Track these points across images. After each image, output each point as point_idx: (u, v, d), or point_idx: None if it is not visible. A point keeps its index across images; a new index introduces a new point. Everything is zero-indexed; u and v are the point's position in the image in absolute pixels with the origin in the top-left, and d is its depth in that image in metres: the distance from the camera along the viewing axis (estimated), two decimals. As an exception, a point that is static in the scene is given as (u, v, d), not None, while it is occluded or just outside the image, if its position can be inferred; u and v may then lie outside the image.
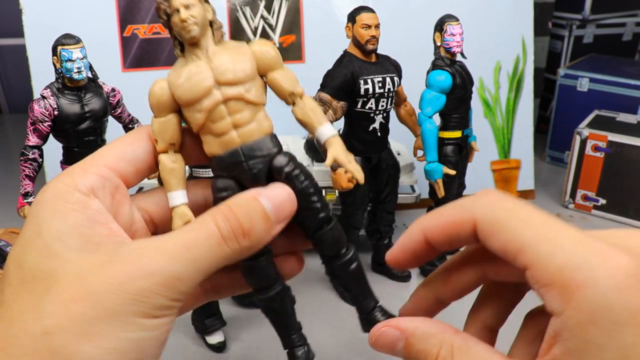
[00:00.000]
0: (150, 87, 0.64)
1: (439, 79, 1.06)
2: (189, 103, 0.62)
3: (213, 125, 0.63)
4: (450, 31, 1.06)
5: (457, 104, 1.10)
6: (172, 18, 0.61)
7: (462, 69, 1.10)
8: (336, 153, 0.58)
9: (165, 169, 0.63)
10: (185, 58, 0.66)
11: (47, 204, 0.45)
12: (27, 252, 0.43)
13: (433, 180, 1.09)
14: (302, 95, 0.68)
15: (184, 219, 0.57)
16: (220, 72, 0.62)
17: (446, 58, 1.08)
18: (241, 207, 0.46)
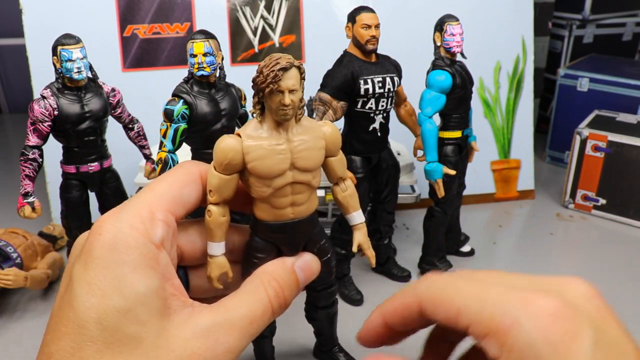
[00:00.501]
0: (223, 143, 0.67)
1: (439, 79, 1.05)
2: (261, 177, 0.68)
3: (274, 200, 0.71)
4: (450, 31, 1.06)
5: (457, 104, 1.09)
6: (272, 94, 0.66)
7: (462, 69, 1.09)
8: (362, 240, 0.78)
9: (216, 221, 0.68)
10: (262, 124, 0.69)
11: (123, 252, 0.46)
12: (110, 312, 0.44)
13: (433, 180, 1.08)
14: (346, 179, 0.76)
15: (222, 269, 0.66)
16: (299, 157, 0.69)
17: (446, 58, 1.07)
18: (284, 281, 0.55)
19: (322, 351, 0.98)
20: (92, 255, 0.46)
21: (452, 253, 1.28)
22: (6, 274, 1.02)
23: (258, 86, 0.67)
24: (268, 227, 0.72)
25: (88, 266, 0.46)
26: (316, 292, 0.88)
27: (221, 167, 0.67)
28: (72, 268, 0.48)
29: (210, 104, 0.92)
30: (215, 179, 0.68)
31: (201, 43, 0.89)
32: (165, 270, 0.49)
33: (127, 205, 0.52)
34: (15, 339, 1.01)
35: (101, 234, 0.47)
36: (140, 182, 1.25)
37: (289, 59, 0.66)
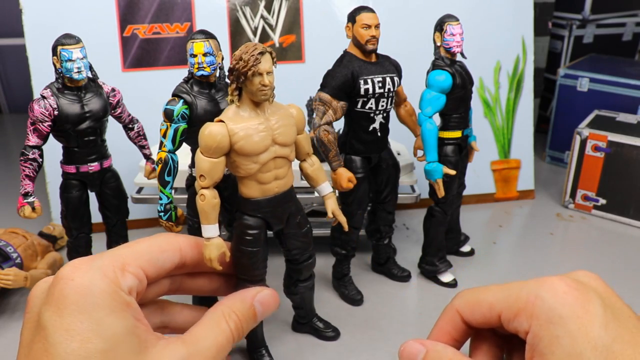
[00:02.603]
0: (209, 129, 0.75)
1: (439, 79, 1.05)
2: (248, 154, 0.77)
3: (260, 175, 0.79)
4: (450, 31, 1.05)
5: (457, 104, 1.09)
6: (251, 78, 0.74)
7: (462, 69, 1.09)
8: (334, 207, 0.91)
9: (209, 203, 0.77)
10: (241, 108, 0.78)
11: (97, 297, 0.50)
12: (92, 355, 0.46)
13: (433, 180, 1.08)
14: (312, 155, 0.87)
15: (221, 250, 0.74)
16: (278, 133, 0.79)
17: (446, 58, 1.07)
18: (243, 314, 0.61)
19: (301, 324, 1.02)
20: (65, 300, 0.48)
21: (452, 253, 1.28)
22: (6, 274, 1.02)
23: (239, 71, 0.75)
24: (256, 203, 0.81)
25: (63, 312, 0.48)
26: (298, 265, 0.92)
27: (210, 151, 0.76)
28: (42, 315, 0.50)
29: (210, 104, 0.92)
30: (205, 164, 0.76)
31: (201, 43, 0.89)
32: (136, 312, 0.53)
33: (101, 256, 0.56)
34: (15, 339, 1.01)
35: (73, 279, 0.50)
36: (140, 182, 1.25)
37: (262, 45, 0.76)
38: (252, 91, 0.76)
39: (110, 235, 1.09)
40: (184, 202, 1.01)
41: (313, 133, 1.02)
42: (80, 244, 1.04)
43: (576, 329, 0.51)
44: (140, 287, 0.57)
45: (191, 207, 0.98)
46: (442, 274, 1.18)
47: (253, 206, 0.82)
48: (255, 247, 0.82)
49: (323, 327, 1.00)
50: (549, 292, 0.53)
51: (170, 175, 0.92)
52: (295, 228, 0.87)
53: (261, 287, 0.67)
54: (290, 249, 0.89)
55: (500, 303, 0.59)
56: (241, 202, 0.83)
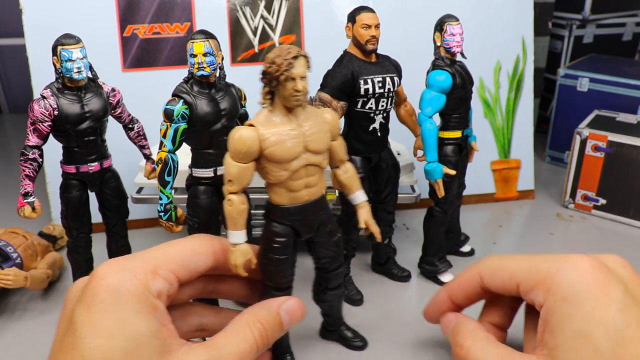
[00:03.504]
0: (239, 133, 0.73)
1: (439, 79, 1.05)
2: (278, 161, 0.74)
3: (291, 183, 0.76)
4: (450, 31, 1.05)
5: (457, 104, 1.09)
6: (284, 83, 0.72)
7: (462, 69, 1.09)
8: (367, 217, 0.87)
9: (237, 209, 0.74)
10: (273, 112, 0.76)
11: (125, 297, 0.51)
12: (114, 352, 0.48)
13: (433, 180, 1.08)
14: (346, 161, 0.84)
15: (247, 256, 0.73)
16: (310, 140, 0.76)
17: (446, 58, 1.07)
18: (268, 323, 0.61)
19: (329, 331, 1.00)
20: (95, 298, 0.50)
21: (452, 253, 1.28)
22: (6, 274, 1.02)
23: (272, 75, 0.73)
24: (286, 210, 0.79)
25: (92, 309, 0.50)
26: (327, 274, 0.89)
27: (239, 156, 0.73)
28: (74, 311, 0.51)
29: (210, 104, 0.92)
30: (234, 168, 0.74)
31: (201, 43, 0.89)
32: (162, 316, 0.54)
33: (134, 257, 0.57)
34: (15, 339, 1.01)
35: (104, 278, 0.52)
36: (140, 182, 1.25)
37: (297, 49, 0.73)
38: (284, 96, 0.74)
39: (110, 235, 1.09)
40: (184, 202, 1.01)
41: None
42: (80, 244, 1.04)
43: (590, 310, 0.51)
44: (171, 290, 0.57)
45: (191, 207, 0.98)
46: (442, 274, 1.18)
47: (282, 213, 0.79)
48: (283, 255, 0.80)
49: (351, 337, 0.98)
50: (571, 269, 0.53)
51: (170, 175, 0.92)
52: (326, 237, 0.85)
53: (287, 296, 0.68)
54: (320, 257, 0.87)
55: (521, 273, 0.62)
56: (270, 209, 0.80)
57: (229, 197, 0.75)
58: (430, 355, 0.95)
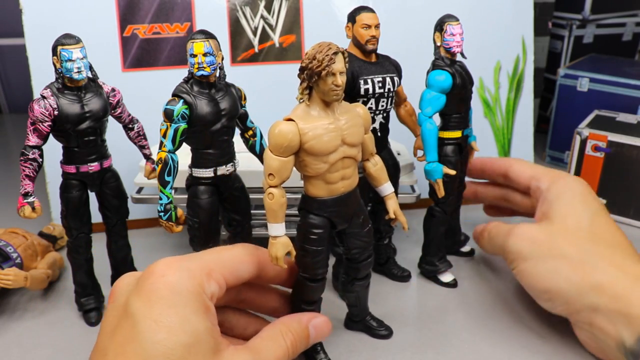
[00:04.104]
0: (279, 128, 0.76)
1: (439, 78, 1.05)
2: (317, 154, 0.77)
3: (328, 175, 0.80)
4: (450, 31, 1.05)
5: (457, 104, 1.09)
6: (325, 78, 0.75)
7: (462, 69, 1.09)
8: (395, 207, 0.93)
9: (278, 202, 0.78)
10: (311, 107, 0.79)
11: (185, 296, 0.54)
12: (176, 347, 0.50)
13: (433, 180, 1.08)
14: (375, 154, 0.89)
15: (287, 248, 0.77)
16: (347, 134, 0.79)
17: (446, 58, 1.07)
18: (297, 334, 0.68)
19: (354, 322, 1.01)
20: (156, 294, 0.53)
21: (452, 253, 1.28)
22: (6, 274, 1.02)
23: (312, 71, 0.75)
24: (323, 202, 0.81)
25: (153, 304, 0.52)
26: (357, 264, 0.91)
27: (280, 150, 0.76)
28: (130, 304, 0.53)
29: (210, 104, 0.92)
30: (275, 162, 0.77)
31: (201, 43, 0.89)
32: (212, 317, 0.57)
33: (190, 258, 0.61)
34: (15, 339, 1.01)
35: (164, 275, 0.55)
36: (140, 182, 1.25)
37: (336, 45, 0.76)
38: (324, 91, 0.76)
39: (110, 235, 1.09)
40: (184, 202, 1.01)
41: None
42: (80, 244, 1.04)
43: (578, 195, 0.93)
44: (220, 293, 0.61)
45: (191, 207, 0.98)
46: (442, 274, 1.18)
47: (319, 205, 0.82)
48: (320, 246, 0.82)
49: (377, 326, 1.00)
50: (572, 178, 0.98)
51: (170, 175, 0.92)
52: (358, 227, 0.88)
53: (317, 313, 0.73)
54: (351, 248, 0.89)
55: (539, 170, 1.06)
56: (307, 201, 0.83)
57: (269, 191, 0.78)
58: (430, 355, 0.95)
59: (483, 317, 1.05)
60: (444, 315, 1.07)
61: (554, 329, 1.00)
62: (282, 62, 1.45)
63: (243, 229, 1.06)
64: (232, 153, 0.99)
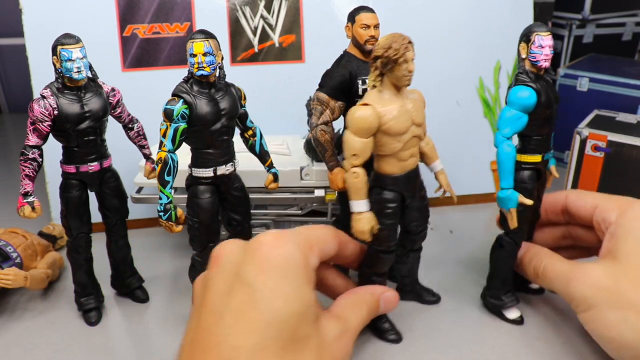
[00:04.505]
0: (360, 113, 0.85)
1: (522, 95, 0.92)
2: (394, 134, 0.86)
3: (401, 153, 0.89)
4: (540, 43, 0.92)
5: (540, 126, 0.96)
6: (402, 64, 0.84)
7: (548, 86, 0.96)
8: (446, 182, 1.06)
9: (363, 180, 0.87)
10: (382, 92, 0.88)
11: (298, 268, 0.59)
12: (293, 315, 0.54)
13: (506, 209, 0.96)
14: (426, 134, 0.96)
15: (372, 222, 0.87)
16: (415, 115, 0.90)
17: (531, 73, 0.94)
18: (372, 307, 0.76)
19: (406, 292, 1.09)
20: (270, 264, 0.57)
21: (519, 289, 1.11)
22: (6, 274, 1.02)
23: (389, 59, 0.83)
24: (396, 179, 0.91)
25: (269, 274, 0.57)
26: (414, 236, 1.01)
27: (362, 132, 0.85)
28: (244, 273, 0.56)
29: (210, 104, 0.92)
30: (358, 144, 0.86)
31: (201, 43, 0.89)
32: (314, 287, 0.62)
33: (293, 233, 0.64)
34: (15, 339, 1.01)
35: (278, 248, 0.58)
36: (140, 182, 1.25)
37: (407, 35, 0.85)
38: (398, 77, 0.84)
39: (110, 235, 1.09)
40: (184, 202, 1.01)
41: (310, 133, 1.02)
42: (80, 244, 1.04)
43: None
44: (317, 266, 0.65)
45: (191, 207, 0.98)
46: (507, 310, 1.05)
47: (393, 182, 0.91)
48: (394, 220, 0.91)
49: (427, 294, 1.10)
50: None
51: (170, 175, 0.92)
52: (420, 202, 0.97)
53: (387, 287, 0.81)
54: (411, 220, 0.97)
55: (601, 199, 0.95)
56: (380, 179, 0.91)
57: (354, 170, 0.87)
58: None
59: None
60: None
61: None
62: (282, 62, 1.45)
63: (243, 229, 1.06)
64: (232, 153, 0.99)
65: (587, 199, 0.98)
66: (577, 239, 1.07)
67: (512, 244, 1.02)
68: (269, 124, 1.23)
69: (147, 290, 1.14)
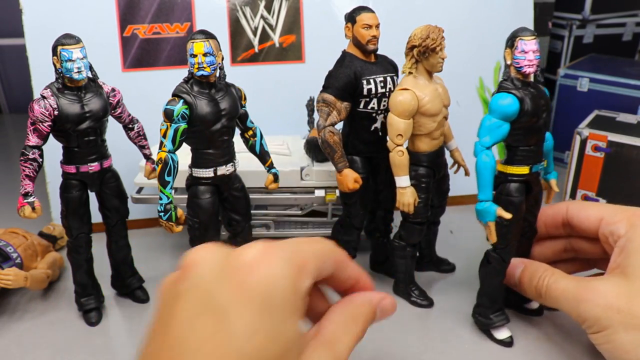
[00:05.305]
0: (402, 97, 0.96)
1: (502, 103, 0.87)
2: (431, 115, 0.98)
3: (434, 132, 1.01)
4: (522, 47, 0.90)
5: (526, 135, 0.90)
6: (437, 53, 0.93)
7: (537, 92, 0.90)
8: (461, 158, 1.15)
9: (406, 157, 0.99)
10: (417, 78, 0.97)
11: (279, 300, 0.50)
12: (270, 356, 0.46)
13: (483, 222, 0.91)
14: None
15: (414, 196, 1.00)
16: (444, 97, 1.01)
17: (516, 79, 0.90)
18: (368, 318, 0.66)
19: (424, 263, 1.22)
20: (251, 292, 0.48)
21: (516, 309, 1.08)
22: (6, 274, 1.02)
23: (427, 47, 0.94)
24: (430, 156, 1.02)
25: (246, 303, 0.47)
26: (436, 209, 1.12)
27: (405, 114, 0.96)
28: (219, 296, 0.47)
29: (210, 104, 0.92)
30: (402, 124, 0.96)
31: (201, 43, 0.89)
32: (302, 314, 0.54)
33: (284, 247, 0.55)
34: (15, 339, 1.01)
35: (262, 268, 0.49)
36: (140, 182, 1.25)
37: None
38: (432, 64, 0.95)
39: (110, 235, 1.09)
40: (184, 202, 1.01)
41: (318, 134, 1.02)
42: (80, 244, 1.04)
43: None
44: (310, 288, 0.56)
45: (191, 207, 0.98)
46: (496, 329, 1.00)
47: (427, 158, 1.01)
48: (427, 193, 1.03)
49: (442, 264, 1.23)
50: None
51: (170, 175, 0.92)
52: (443, 177, 1.09)
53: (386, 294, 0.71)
54: (434, 195, 1.07)
55: (606, 210, 0.85)
56: (416, 156, 1.01)
57: (399, 149, 0.97)
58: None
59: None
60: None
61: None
62: (282, 62, 1.45)
63: (243, 229, 1.06)
64: (232, 153, 0.99)
65: (590, 210, 0.91)
66: (579, 251, 1.01)
67: (499, 260, 0.96)
68: (269, 124, 1.23)
69: (147, 290, 1.14)
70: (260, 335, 0.46)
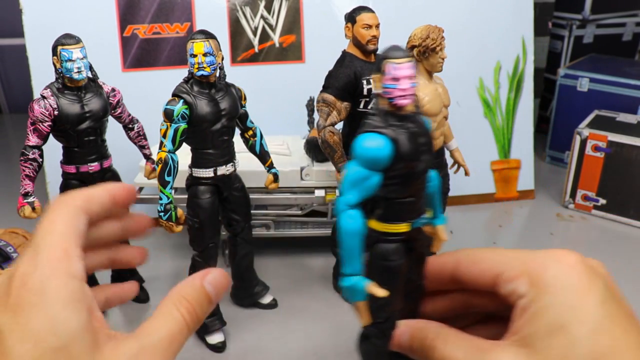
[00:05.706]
0: None
1: (369, 146, 0.60)
2: (431, 115, 0.97)
3: (434, 132, 0.98)
4: (393, 73, 0.61)
5: (403, 185, 0.64)
6: (437, 53, 0.95)
7: (417, 127, 0.62)
8: (461, 158, 1.14)
9: None
10: (419, 78, 0.96)
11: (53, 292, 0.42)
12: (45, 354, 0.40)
13: (351, 302, 0.65)
14: None
15: None
16: (445, 97, 1.02)
17: (389, 114, 0.62)
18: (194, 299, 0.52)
19: None
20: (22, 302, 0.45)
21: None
22: (6, 274, 1.02)
23: (428, 47, 0.94)
24: None
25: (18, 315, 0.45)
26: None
27: None
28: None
29: (210, 104, 0.92)
30: None
31: (201, 43, 0.89)
32: (90, 302, 0.45)
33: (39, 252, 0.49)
34: (15, 339, 1.01)
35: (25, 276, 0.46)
36: (140, 182, 1.25)
37: None
38: (433, 64, 0.96)
39: (110, 235, 1.09)
40: (184, 202, 1.01)
41: (318, 134, 1.02)
42: (80, 244, 1.04)
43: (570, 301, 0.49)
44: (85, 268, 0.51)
45: (191, 207, 0.98)
46: None
47: None
48: None
49: None
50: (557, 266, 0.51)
51: (170, 175, 0.92)
52: (444, 177, 1.09)
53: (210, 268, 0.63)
54: None
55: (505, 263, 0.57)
56: None
57: None
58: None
59: None
60: None
61: None
62: (282, 62, 1.45)
63: (243, 229, 1.06)
64: (232, 153, 0.99)
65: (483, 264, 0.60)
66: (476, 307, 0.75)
67: (379, 335, 0.69)
68: (269, 124, 1.23)
69: (147, 290, 1.14)
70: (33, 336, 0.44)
